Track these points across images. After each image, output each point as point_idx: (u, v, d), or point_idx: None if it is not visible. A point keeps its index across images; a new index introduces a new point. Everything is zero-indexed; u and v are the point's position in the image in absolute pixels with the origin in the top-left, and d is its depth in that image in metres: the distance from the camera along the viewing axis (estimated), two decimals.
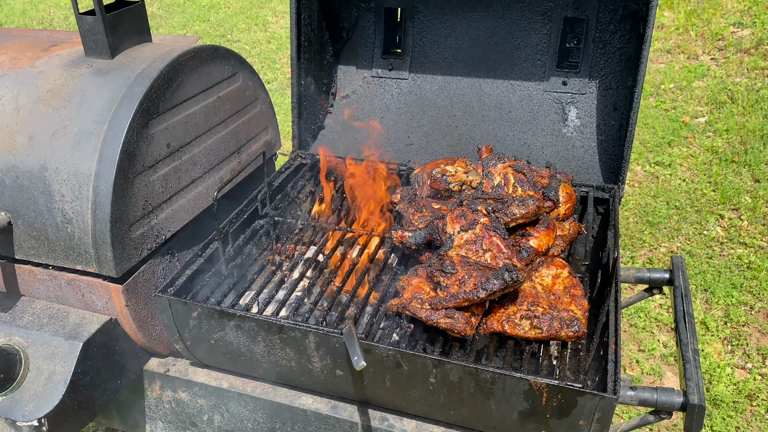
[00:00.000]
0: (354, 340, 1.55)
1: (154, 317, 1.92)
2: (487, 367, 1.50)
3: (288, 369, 1.77)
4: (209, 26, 7.65)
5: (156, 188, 1.86)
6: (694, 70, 5.46)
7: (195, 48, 2.01)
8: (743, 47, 5.53)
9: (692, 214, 4.10)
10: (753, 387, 3.02)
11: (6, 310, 1.88)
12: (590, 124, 2.37)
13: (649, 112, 5.11)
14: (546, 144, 2.42)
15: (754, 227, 3.94)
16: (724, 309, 3.45)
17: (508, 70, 2.46)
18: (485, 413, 1.58)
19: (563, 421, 1.50)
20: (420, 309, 1.64)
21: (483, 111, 2.51)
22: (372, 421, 1.74)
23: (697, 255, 3.79)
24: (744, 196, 4.17)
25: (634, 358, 3.23)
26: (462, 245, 1.74)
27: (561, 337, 1.60)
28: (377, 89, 2.65)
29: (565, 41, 2.39)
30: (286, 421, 1.84)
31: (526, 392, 1.48)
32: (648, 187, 4.40)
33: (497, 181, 1.96)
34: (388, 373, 1.61)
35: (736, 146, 4.62)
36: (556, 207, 1.99)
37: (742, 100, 5.02)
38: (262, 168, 2.32)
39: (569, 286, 1.72)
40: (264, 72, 6.46)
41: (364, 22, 2.62)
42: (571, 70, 2.39)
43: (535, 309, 1.63)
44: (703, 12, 6.03)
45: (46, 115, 1.78)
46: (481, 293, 1.58)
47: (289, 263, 2.15)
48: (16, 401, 1.70)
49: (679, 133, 4.84)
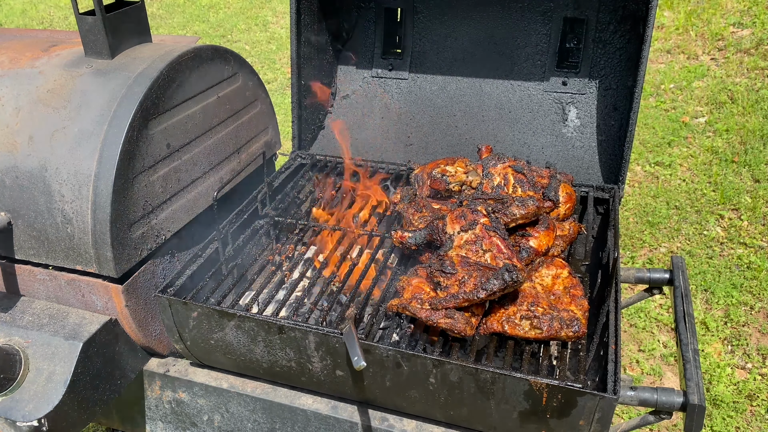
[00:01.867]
0: (354, 340, 1.55)
1: (154, 317, 1.92)
2: (487, 367, 1.50)
3: (288, 369, 1.77)
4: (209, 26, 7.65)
5: (156, 188, 1.86)
6: (694, 70, 5.46)
7: (195, 48, 2.01)
8: (743, 47, 5.53)
9: (692, 214, 4.10)
10: (753, 387, 3.02)
11: (6, 310, 1.88)
12: (590, 124, 2.37)
13: (649, 112, 5.11)
14: (546, 144, 2.42)
15: (754, 227, 3.94)
16: (724, 309, 3.45)
17: (508, 70, 2.46)
18: (485, 413, 1.58)
19: (563, 421, 1.50)
20: (420, 309, 1.64)
21: (483, 111, 2.51)
22: (372, 421, 1.74)
23: (697, 255, 3.79)
24: (744, 196, 4.17)
25: (634, 359, 3.23)
26: (462, 245, 1.74)
27: (561, 338, 1.60)
28: (377, 89, 2.65)
29: (565, 41, 2.39)
30: (286, 421, 1.84)
31: (526, 392, 1.48)
32: (648, 187, 4.40)
33: (497, 182, 1.96)
34: (388, 373, 1.61)
35: (736, 146, 4.62)
36: (556, 207, 1.99)
37: (742, 100, 5.02)
38: (262, 168, 2.32)
39: (569, 286, 1.72)
40: (264, 72, 6.46)
41: (364, 22, 2.62)
42: (571, 70, 2.39)
43: (535, 309, 1.63)
44: (703, 12, 6.03)
45: (46, 116, 1.78)
46: (481, 293, 1.58)
47: (289, 263, 2.15)
48: (16, 401, 1.70)
49: (679, 133, 4.84)
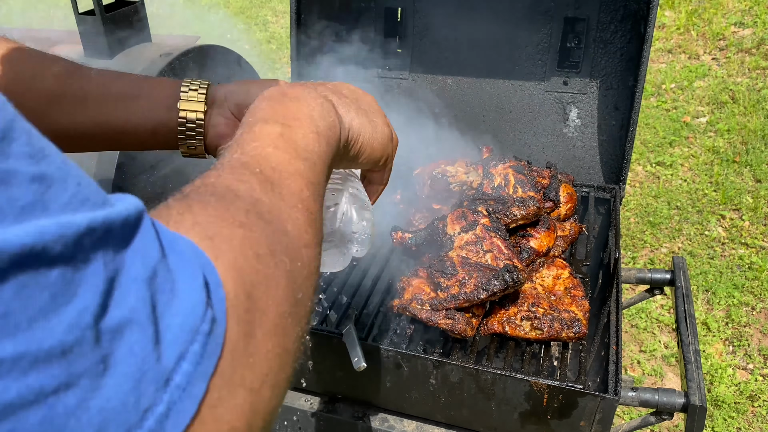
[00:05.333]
0: (354, 340, 1.55)
1: None
2: (488, 368, 1.49)
3: None
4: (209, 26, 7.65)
5: (156, 188, 1.86)
6: (695, 69, 5.45)
7: (195, 48, 2.00)
8: (744, 47, 5.52)
9: (693, 215, 4.10)
10: (754, 388, 3.01)
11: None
12: (591, 124, 2.36)
13: (650, 112, 5.11)
14: (547, 144, 2.42)
15: (756, 227, 3.93)
16: (725, 310, 3.44)
17: (509, 70, 2.46)
18: (486, 414, 1.58)
19: (564, 422, 1.49)
20: (420, 310, 1.63)
21: (483, 111, 2.50)
22: (372, 422, 1.74)
23: (699, 255, 3.78)
24: (745, 196, 4.16)
25: (635, 359, 3.22)
26: (462, 246, 1.73)
27: (562, 338, 1.60)
28: (377, 89, 2.64)
29: (566, 41, 2.38)
30: (286, 422, 1.84)
31: (527, 393, 1.48)
32: (649, 187, 4.39)
33: (498, 182, 1.96)
34: (389, 374, 1.61)
35: (737, 146, 4.61)
36: (557, 207, 1.98)
37: (743, 100, 5.01)
38: None
39: (570, 286, 1.72)
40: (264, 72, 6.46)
41: (364, 22, 2.62)
42: (572, 70, 2.38)
43: (536, 310, 1.62)
44: (704, 12, 6.02)
45: None
46: (481, 294, 1.58)
47: None
48: None
49: (681, 133, 4.83)
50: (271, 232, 0.59)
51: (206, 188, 0.61)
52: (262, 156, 0.69)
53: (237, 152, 0.69)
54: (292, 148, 0.72)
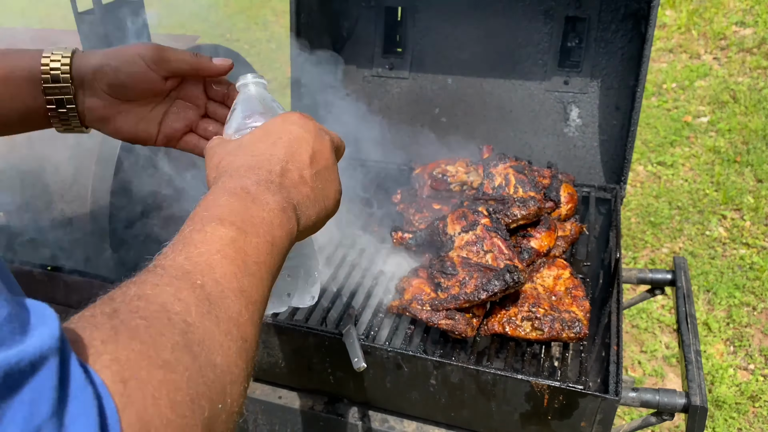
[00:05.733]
0: (354, 341, 1.54)
1: None
2: (488, 369, 1.49)
3: (288, 370, 1.76)
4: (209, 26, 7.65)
5: (156, 188, 1.86)
6: (696, 69, 5.44)
7: (194, 47, 2.00)
8: (745, 47, 5.51)
9: (694, 215, 4.09)
10: (755, 388, 3.00)
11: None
12: (592, 123, 2.35)
13: (651, 112, 5.10)
14: (547, 144, 2.41)
15: (757, 228, 3.93)
16: (726, 310, 3.43)
17: (510, 70, 2.45)
18: (486, 415, 1.57)
19: (565, 422, 1.49)
20: (420, 310, 1.63)
21: (484, 111, 2.50)
22: (372, 422, 1.73)
23: (700, 255, 3.77)
24: (746, 196, 4.16)
25: (636, 360, 3.21)
26: (463, 246, 1.73)
27: (562, 339, 1.59)
28: (377, 89, 2.64)
29: (567, 40, 2.37)
30: (286, 422, 1.83)
31: (528, 394, 1.47)
32: (650, 187, 4.38)
33: (498, 182, 1.95)
34: (389, 374, 1.60)
35: (738, 146, 4.60)
36: (558, 207, 1.98)
37: (744, 99, 5.00)
38: None
39: (571, 287, 1.71)
40: (264, 71, 6.45)
41: (364, 21, 2.61)
42: (572, 70, 2.37)
43: (537, 310, 1.62)
44: (706, 11, 6.01)
45: None
46: (482, 294, 1.57)
47: None
48: None
49: (681, 133, 4.82)
50: (196, 369, 0.55)
51: (139, 304, 0.57)
52: (208, 265, 0.65)
53: (182, 255, 0.66)
54: (241, 259, 0.68)
